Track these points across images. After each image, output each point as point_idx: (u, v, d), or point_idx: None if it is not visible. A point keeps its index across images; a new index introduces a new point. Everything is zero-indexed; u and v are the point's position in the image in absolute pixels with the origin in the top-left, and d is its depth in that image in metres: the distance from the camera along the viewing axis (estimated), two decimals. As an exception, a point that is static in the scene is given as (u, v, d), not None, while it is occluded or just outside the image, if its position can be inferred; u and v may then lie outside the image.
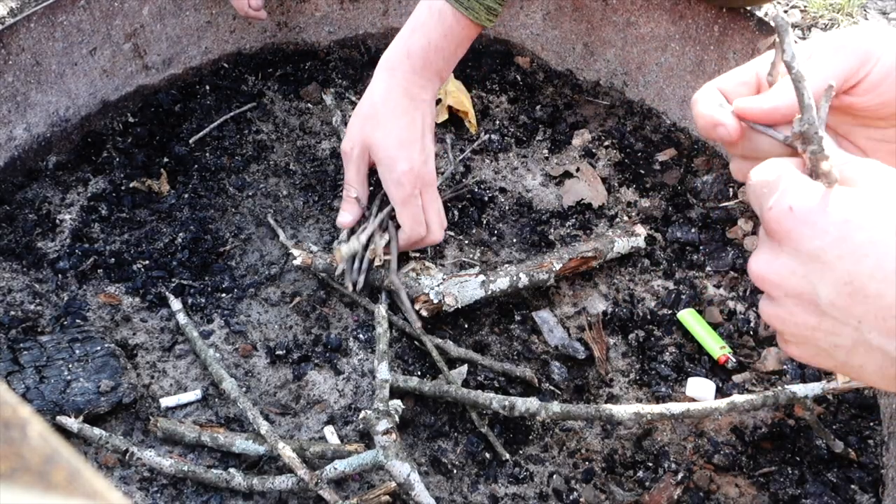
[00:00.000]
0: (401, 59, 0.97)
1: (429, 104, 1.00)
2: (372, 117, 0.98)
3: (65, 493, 0.25)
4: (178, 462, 0.87)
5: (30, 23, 1.14)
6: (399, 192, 0.97)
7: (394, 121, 0.97)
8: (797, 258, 0.43)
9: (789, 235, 0.43)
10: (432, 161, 0.99)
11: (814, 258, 0.42)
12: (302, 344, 1.03)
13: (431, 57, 0.97)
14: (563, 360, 1.03)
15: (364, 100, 1.00)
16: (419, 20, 0.97)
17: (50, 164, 1.22)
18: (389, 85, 0.97)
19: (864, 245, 0.40)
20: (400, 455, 0.84)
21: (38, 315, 1.04)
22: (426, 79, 0.98)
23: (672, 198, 1.23)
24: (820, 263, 0.42)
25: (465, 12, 0.94)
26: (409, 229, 0.99)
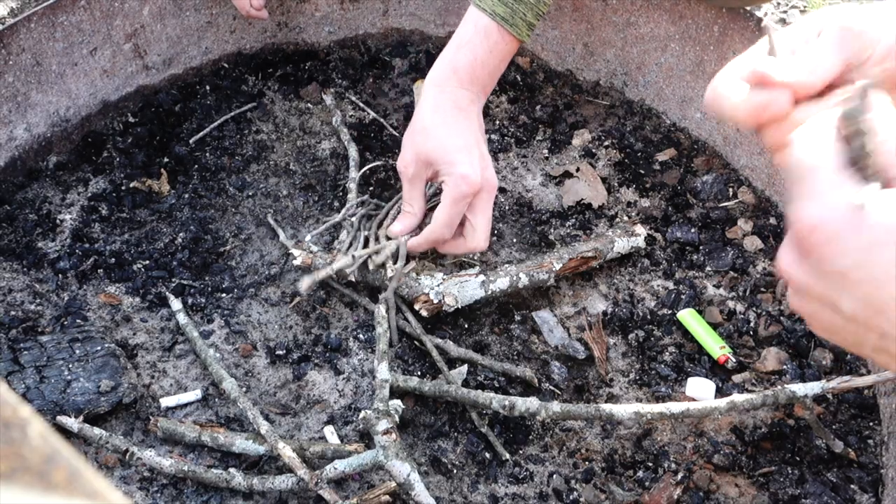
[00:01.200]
0: (448, 75, 0.99)
1: (477, 115, 1.01)
2: (423, 131, 0.98)
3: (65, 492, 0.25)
4: (178, 462, 0.87)
5: (30, 23, 1.14)
6: (456, 191, 0.95)
7: (446, 130, 0.97)
8: (819, 272, 0.43)
9: (813, 250, 0.42)
10: (491, 169, 0.99)
11: (836, 275, 0.42)
12: (302, 344, 1.03)
13: (478, 72, 0.98)
14: (563, 360, 1.03)
15: (415, 117, 1.00)
16: (465, 37, 0.98)
17: (50, 164, 1.22)
18: (438, 100, 0.99)
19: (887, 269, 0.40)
20: (400, 455, 0.84)
21: (38, 315, 1.04)
22: (473, 93, 1.00)
23: (672, 198, 1.23)
24: (842, 281, 0.42)
25: (509, 29, 0.96)
26: (440, 228, 0.98)
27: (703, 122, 1.30)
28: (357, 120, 1.34)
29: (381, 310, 1.00)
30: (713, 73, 0.53)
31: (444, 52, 1.00)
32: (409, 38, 1.48)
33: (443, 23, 1.47)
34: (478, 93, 1.00)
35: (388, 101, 1.39)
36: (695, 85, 1.28)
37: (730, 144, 1.27)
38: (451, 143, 0.96)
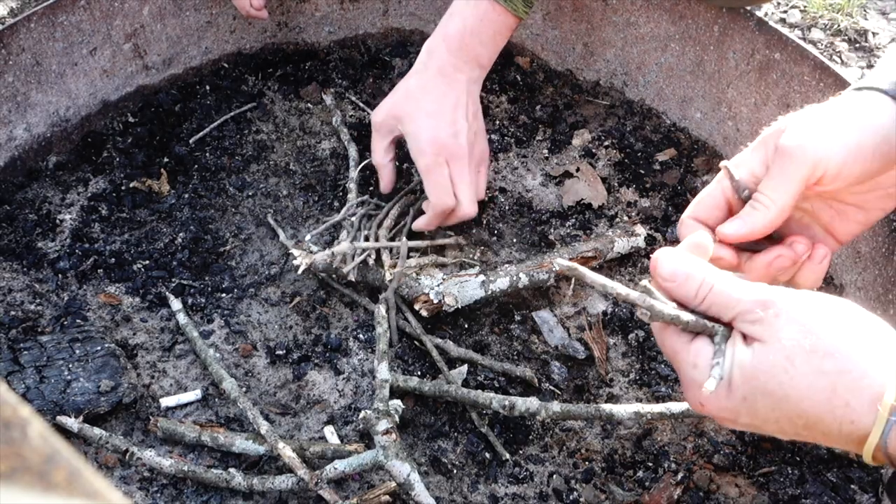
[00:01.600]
0: (437, 42, 1.02)
1: (464, 84, 1.02)
2: (403, 92, 1.03)
3: (65, 493, 0.25)
4: (178, 462, 0.87)
5: (30, 23, 1.14)
6: (421, 161, 1.01)
7: (423, 95, 1.01)
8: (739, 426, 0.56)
9: (711, 414, 0.56)
10: (464, 136, 1.01)
11: (747, 426, 0.56)
12: (302, 344, 1.03)
13: (467, 40, 1.00)
14: (563, 360, 1.03)
15: (401, 81, 1.05)
16: (457, 7, 1.01)
17: (50, 164, 1.22)
18: (425, 65, 1.02)
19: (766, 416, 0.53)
20: (400, 455, 0.84)
21: (38, 315, 1.04)
22: (462, 61, 1.01)
23: (672, 198, 1.23)
24: (752, 427, 0.56)
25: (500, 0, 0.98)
26: (435, 198, 1.02)
27: (703, 121, 1.30)
28: (357, 120, 1.34)
29: (381, 310, 1.00)
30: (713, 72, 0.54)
31: (440, 23, 1.03)
32: (409, 38, 1.48)
33: (443, 23, 1.47)
34: (467, 61, 1.01)
35: (388, 101, 1.39)
36: (695, 85, 1.28)
37: (730, 144, 1.27)
38: (421, 106, 1.00)
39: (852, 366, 0.49)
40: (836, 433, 0.51)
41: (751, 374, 0.52)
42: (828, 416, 0.50)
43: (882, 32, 1.81)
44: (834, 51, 1.76)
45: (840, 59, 1.74)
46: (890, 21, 1.85)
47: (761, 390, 0.51)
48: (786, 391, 0.50)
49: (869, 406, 0.49)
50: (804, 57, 1.10)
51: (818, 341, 0.50)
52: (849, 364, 0.49)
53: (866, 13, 1.87)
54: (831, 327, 0.50)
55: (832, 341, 0.50)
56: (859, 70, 1.71)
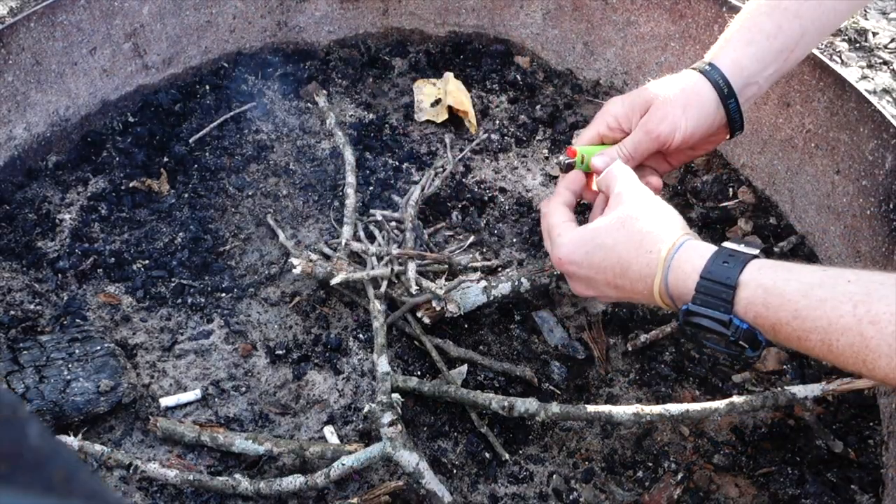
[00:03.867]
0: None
1: None
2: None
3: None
4: (182, 472, 0.87)
5: (30, 22, 1.14)
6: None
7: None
8: (581, 281, 0.77)
9: (568, 273, 0.78)
10: None
11: (586, 279, 0.76)
12: (302, 344, 1.03)
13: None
14: (563, 360, 1.03)
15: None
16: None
17: (50, 163, 1.22)
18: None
19: (598, 265, 0.74)
20: (407, 445, 0.84)
21: (37, 315, 1.03)
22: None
23: (672, 198, 1.23)
24: (589, 280, 0.76)
25: None
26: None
27: (703, 121, 1.30)
28: (357, 119, 1.34)
29: (377, 304, 1.00)
30: None
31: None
32: (409, 38, 1.48)
33: (442, 22, 1.47)
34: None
35: (388, 101, 1.39)
36: (695, 85, 1.28)
37: (730, 144, 1.27)
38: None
39: (654, 228, 0.71)
40: (639, 276, 0.70)
41: (596, 233, 0.74)
42: (635, 262, 0.71)
43: (882, 32, 1.81)
44: (834, 50, 1.76)
45: (840, 58, 1.74)
46: (890, 21, 1.85)
47: (599, 243, 0.74)
48: (614, 242, 0.72)
49: (658, 254, 0.69)
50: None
51: (638, 212, 0.73)
52: (653, 226, 0.71)
53: (866, 13, 1.87)
54: (647, 206, 0.73)
55: (645, 213, 0.73)
56: (859, 70, 1.71)
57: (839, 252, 1.09)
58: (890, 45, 1.77)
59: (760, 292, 0.62)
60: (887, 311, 0.55)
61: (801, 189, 1.16)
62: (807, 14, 0.83)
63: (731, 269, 0.63)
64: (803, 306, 0.60)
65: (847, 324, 0.57)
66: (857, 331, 0.57)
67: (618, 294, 0.75)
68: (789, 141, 1.16)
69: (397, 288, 1.04)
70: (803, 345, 0.61)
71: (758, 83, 0.84)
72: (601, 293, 0.77)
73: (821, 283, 0.60)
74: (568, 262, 0.76)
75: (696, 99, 0.82)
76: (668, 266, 0.68)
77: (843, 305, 0.58)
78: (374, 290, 1.03)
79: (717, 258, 0.65)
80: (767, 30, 0.83)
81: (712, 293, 0.64)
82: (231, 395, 0.97)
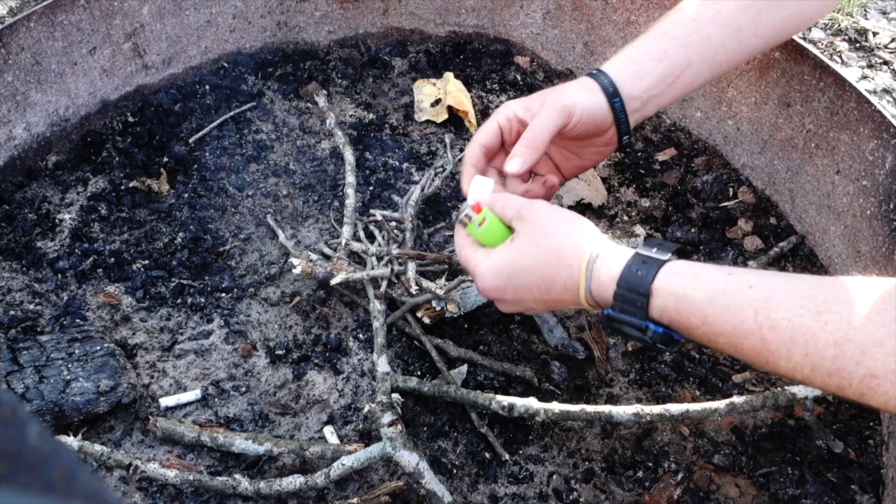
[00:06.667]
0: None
1: None
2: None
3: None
4: (182, 472, 0.87)
5: (30, 22, 1.14)
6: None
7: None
8: (510, 304, 0.78)
9: (495, 300, 0.78)
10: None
11: (515, 301, 0.77)
12: (302, 344, 1.03)
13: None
14: (563, 360, 1.03)
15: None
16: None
17: (49, 163, 1.22)
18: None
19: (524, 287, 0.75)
20: (407, 445, 0.84)
21: (37, 315, 1.03)
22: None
23: (672, 198, 1.23)
24: (518, 301, 0.77)
25: None
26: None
27: (704, 121, 1.30)
28: (357, 119, 1.34)
29: (377, 304, 1.00)
30: None
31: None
32: (409, 38, 1.48)
33: (442, 22, 1.47)
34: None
35: (388, 101, 1.39)
36: (695, 85, 1.28)
37: (730, 144, 1.27)
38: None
39: (571, 241, 0.72)
40: (564, 289, 0.72)
41: (513, 257, 0.75)
42: (558, 277, 0.72)
43: (882, 32, 1.81)
44: (834, 50, 1.76)
45: (840, 58, 1.74)
46: (890, 21, 1.85)
47: (519, 267, 0.74)
48: (533, 263, 0.73)
49: (578, 267, 0.71)
50: (804, 56, 1.10)
51: (551, 228, 0.74)
52: (566, 239, 0.73)
53: (866, 13, 1.87)
54: (559, 221, 0.75)
55: (559, 228, 0.74)
56: (859, 70, 1.71)
57: (839, 252, 1.09)
58: (890, 45, 1.77)
59: (672, 300, 0.66)
60: (784, 317, 0.60)
61: (801, 189, 1.16)
62: (693, 45, 0.88)
63: (643, 277, 0.67)
64: (710, 312, 0.64)
65: (749, 329, 0.62)
66: (758, 335, 0.61)
67: (547, 307, 0.77)
68: (789, 141, 1.16)
69: (397, 288, 1.04)
70: (714, 345, 0.65)
71: (641, 98, 0.88)
72: (530, 309, 0.79)
73: (724, 290, 0.64)
74: (493, 288, 0.77)
75: (588, 86, 0.86)
76: (590, 276, 0.70)
77: (745, 312, 0.62)
78: (374, 290, 1.03)
79: (631, 266, 0.68)
80: (652, 53, 0.88)
81: (628, 301, 0.67)
82: (231, 395, 0.97)
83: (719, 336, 0.64)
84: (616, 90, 0.86)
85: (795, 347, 0.59)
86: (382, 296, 1.02)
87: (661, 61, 0.88)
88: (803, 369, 0.59)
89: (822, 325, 0.58)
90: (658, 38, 0.89)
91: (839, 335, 0.57)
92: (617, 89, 0.86)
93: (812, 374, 0.59)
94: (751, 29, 0.91)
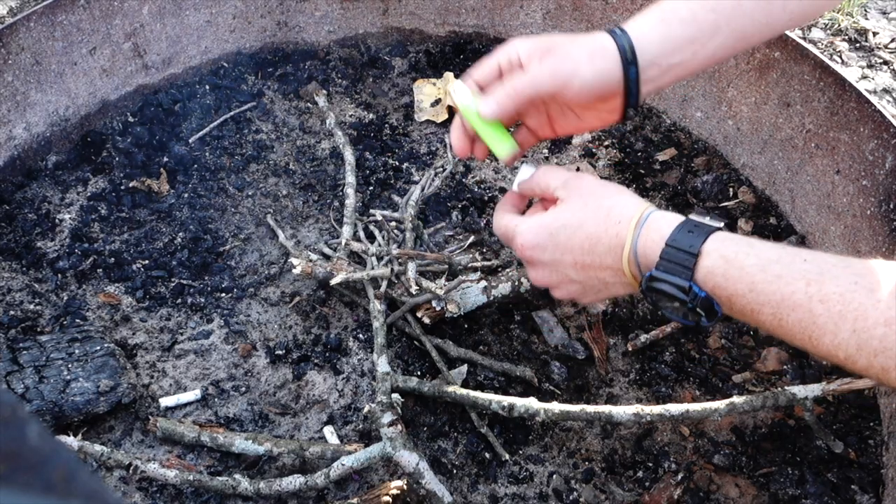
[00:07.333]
0: None
1: None
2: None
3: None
4: (182, 472, 0.87)
5: (30, 22, 1.14)
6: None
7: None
8: (546, 267, 0.75)
9: (532, 260, 0.75)
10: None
11: (552, 263, 0.75)
12: (302, 344, 1.03)
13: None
14: (563, 360, 1.03)
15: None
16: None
17: (49, 163, 1.22)
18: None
19: (566, 245, 0.73)
20: (407, 445, 0.84)
21: (37, 315, 1.03)
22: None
23: (672, 198, 1.23)
24: (555, 264, 0.74)
25: None
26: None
27: (704, 121, 1.30)
28: (357, 119, 1.34)
29: (377, 304, 1.00)
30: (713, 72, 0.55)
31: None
32: (409, 38, 1.48)
33: (442, 22, 1.47)
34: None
35: (388, 101, 1.39)
36: (695, 84, 1.28)
37: (730, 144, 1.27)
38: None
39: (618, 201, 0.72)
40: (608, 249, 0.71)
41: (558, 214, 0.74)
42: (604, 235, 0.71)
43: (882, 32, 1.81)
44: (834, 50, 1.76)
45: (840, 58, 1.74)
46: (890, 21, 1.85)
47: (564, 222, 0.74)
48: (579, 219, 0.73)
49: (627, 224, 0.70)
50: (804, 56, 1.10)
51: (599, 189, 0.75)
52: (616, 200, 0.72)
53: (866, 13, 1.87)
54: (607, 185, 0.75)
55: (609, 191, 0.74)
56: (859, 70, 1.71)
57: (839, 252, 1.09)
58: (890, 45, 1.77)
59: (721, 262, 0.65)
60: (836, 291, 0.59)
61: (801, 189, 1.16)
62: (723, 11, 0.85)
63: (695, 238, 0.66)
64: (760, 280, 0.63)
65: (798, 300, 0.61)
66: (806, 307, 0.60)
67: (582, 275, 0.74)
68: (789, 141, 1.16)
69: (397, 288, 1.04)
70: (756, 318, 0.64)
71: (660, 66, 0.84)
72: (563, 278, 0.76)
73: (778, 260, 0.63)
74: (532, 245, 0.75)
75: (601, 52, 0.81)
76: (638, 234, 0.69)
77: (797, 282, 0.61)
78: (374, 290, 1.03)
79: (682, 227, 0.67)
80: (682, 15, 0.84)
81: (675, 260, 0.67)
82: (231, 395, 0.97)
83: (764, 306, 0.62)
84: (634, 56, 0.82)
85: (844, 323, 0.58)
86: (382, 296, 1.02)
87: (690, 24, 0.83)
88: (848, 347, 0.58)
89: (875, 302, 0.57)
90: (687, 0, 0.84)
91: (890, 314, 0.56)
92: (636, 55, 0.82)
93: (857, 353, 0.58)
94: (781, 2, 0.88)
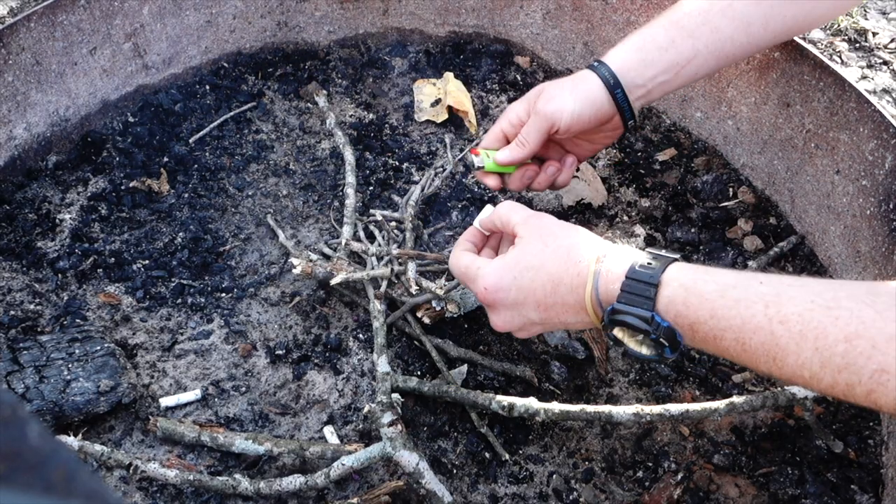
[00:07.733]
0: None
1: None
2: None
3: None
4: (182, 472, 0.87)
5: (30, 22, 1.14)
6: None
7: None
8: (508, 310, 0.77)
9: (495, 303, 0.77)
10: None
11: (514, 305, 0.76)
12: (302, 344, 1.03)
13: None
14: (563, 360, 1.03)
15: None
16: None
17: (50, 163, 1.22)
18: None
19: (528, 287, 0.74)
20: (407, 445, 0.84)
21: (37, 315, 1.03)
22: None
23: (672, 198, 1.23)
24: (518, 306, 0.76)
25: None
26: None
27: (704, 121, 1.30)
28: (357, 119, 1.34)
29: (377, 304, 1.00)
30: None
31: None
32: (409, 38, 1.48)
33: (442, 22, 1.47)
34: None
35: (388, 101, 1.39)
36: (695, 84, 1.28)
37: (730, 144, 1.27)
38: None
39: (577, 241, 0.74)
40: (570, 289, 0.72)
41: (519, 257, 0.75)
42: (565, 275, 0.72)
43: (882, 32, 1.81)
44: (834, 50, 1.76)
45: (840, 58, 1.74)
46: (890, 21, 1.85)
47: (525, 265, 0.75)
48: (540, 261, 0.74)
49: (588, 263, 0.71)
50: (804, 56, 1.10)
51: (557, 230, 0.76)
52: (575, 241, 0.74)
53: (866, 13, 1.87)
54: (565, 226, 0.77)
55: (566, 231, 0.76)
56: (859, 70, 1.71)
57: (839, 252, 1.09)
58: (890, 45, 1.77)
59: (681, 291, 0.66)
60: (794, 311, 0.60)
61: (801, 189, 1.16)
62: (701, 37, 0.89)
63: (654, 269, 0.68)
64: (720, 305, 0.63)
65: (759, 323, 0.61)
66: (767, 330, 0.61)
67: (544, 316, 0.75)
68: (789, 141, 1.16)
69: (397, 288, 1.04)
70: (719, 344, 0.64)
71: (646, 86, 0.89)
72: (526, 320, 0.77)
73: (735, 285, 0.64)
74: (496, 289, 0.76)
75: (582, 84, 0.88)
76: (598, 271, 0.70)
77: (755, 305, 0.62)
78: (374, 290, 1.03)
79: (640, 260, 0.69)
80: (660, 42, 0.89)
81: (636, 291, 0.67)
82: (231, 395, 0.97)
83: (726, 331, 0.63)
84: (617, 81, 0.87)
85: (805, 342, 0.58)
86: (382, 296, 1.02)
87: (668, 51, 0.88)
88: (812, 366, 0.58)
89: (833, 319, 0.57)
90: (667, 27, 0.90)
91: (850, 330, 0.56)
92: (618, 80, 0.87)
93: (821, 371, 0.58)
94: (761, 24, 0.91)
